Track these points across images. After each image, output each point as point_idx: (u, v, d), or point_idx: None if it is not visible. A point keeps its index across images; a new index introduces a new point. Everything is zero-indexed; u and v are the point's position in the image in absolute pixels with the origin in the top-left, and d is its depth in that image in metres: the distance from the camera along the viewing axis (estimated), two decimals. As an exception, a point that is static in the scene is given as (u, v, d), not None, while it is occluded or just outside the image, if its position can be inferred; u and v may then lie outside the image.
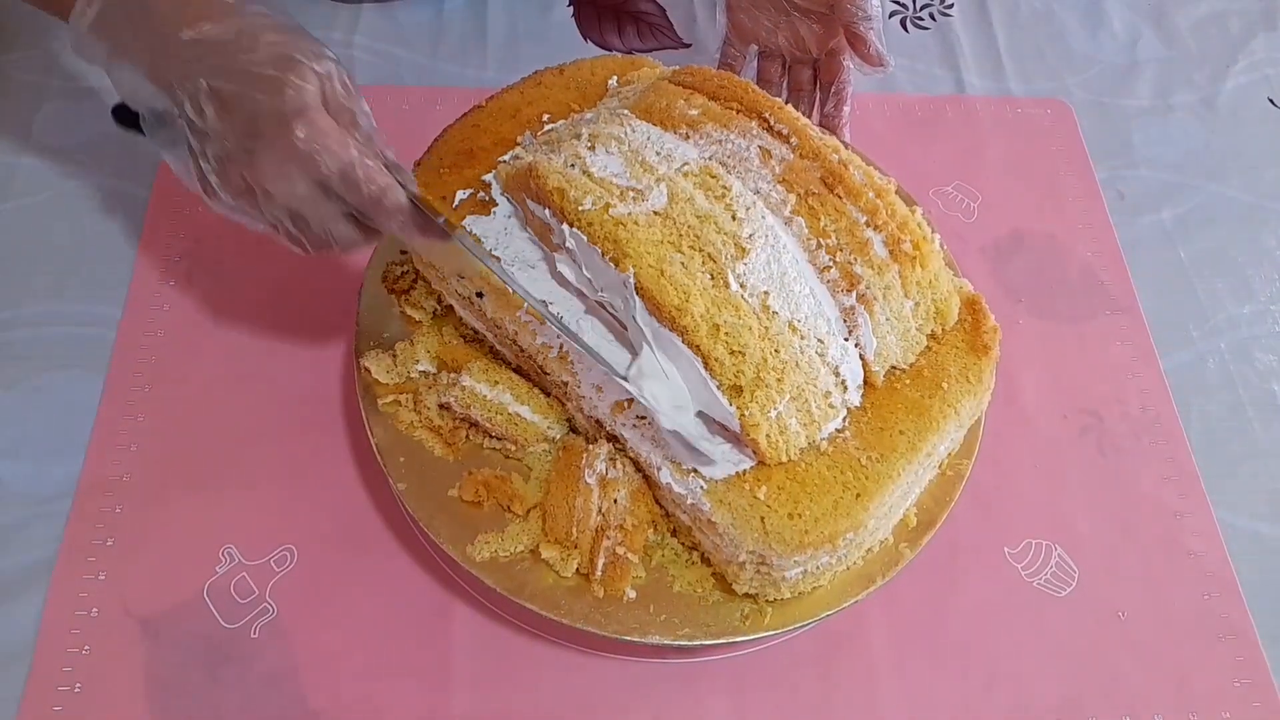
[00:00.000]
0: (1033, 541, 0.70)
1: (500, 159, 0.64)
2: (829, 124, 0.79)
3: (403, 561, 0.65)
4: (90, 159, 0.81)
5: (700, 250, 0.55)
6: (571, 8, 0.96)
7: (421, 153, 0.66)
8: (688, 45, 0.95)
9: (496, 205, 0.62)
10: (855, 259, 0.57)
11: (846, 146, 0.78)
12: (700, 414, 0.55)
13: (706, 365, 0.52)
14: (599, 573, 0.56)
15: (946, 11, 1.00)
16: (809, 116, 0.79)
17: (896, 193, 0.62)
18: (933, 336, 0.60)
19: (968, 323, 0.61)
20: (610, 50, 0.94)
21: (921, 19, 0.99)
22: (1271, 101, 0.97)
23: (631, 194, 0.56)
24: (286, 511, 0.66)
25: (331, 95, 0.50)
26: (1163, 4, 1.03)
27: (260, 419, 0.69)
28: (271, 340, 0.73)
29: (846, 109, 0.78)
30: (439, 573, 0.65)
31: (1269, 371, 0.80)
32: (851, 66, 0.76)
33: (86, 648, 0.61)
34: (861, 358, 0.57)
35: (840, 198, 0.58)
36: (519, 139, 0.66)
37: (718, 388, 0.52)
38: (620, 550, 0.56)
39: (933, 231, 0.64)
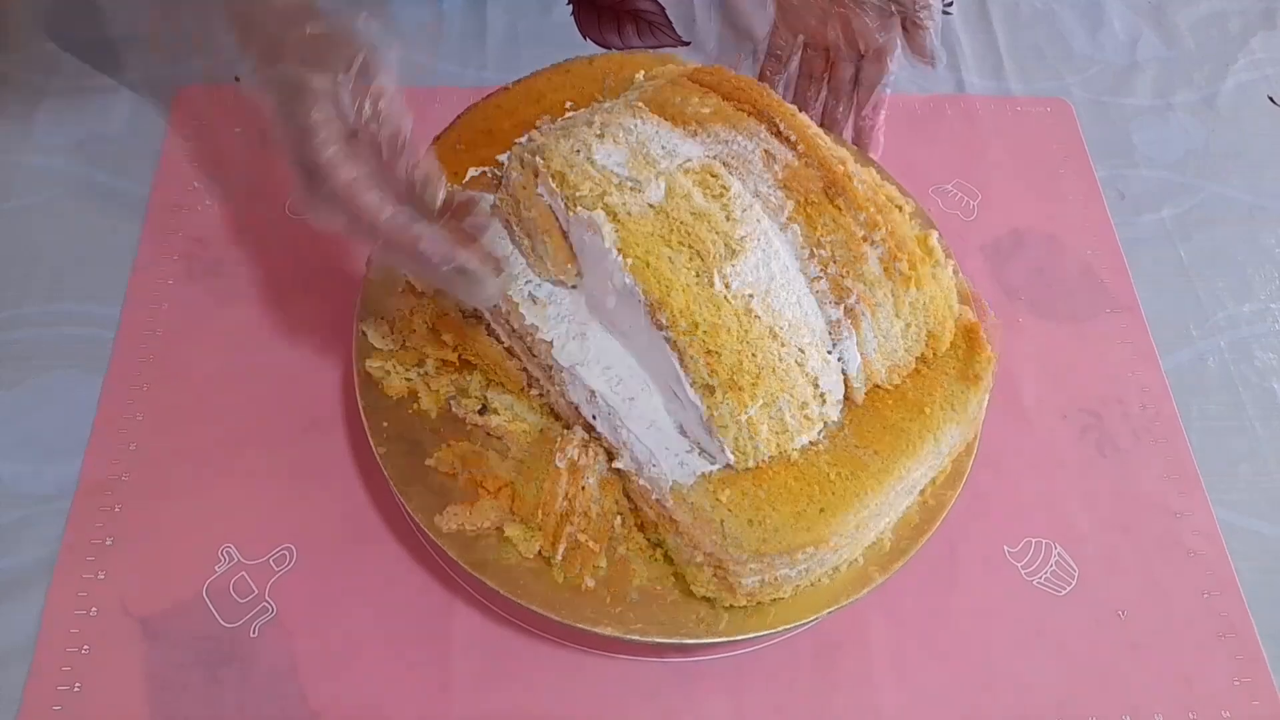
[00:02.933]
0: (1033, 541, 0.70)
1: (516, 140, 0.64)
2: (864, 127, 0.78)
3: (403, 562, 0.65)
4: (90, 159, 0.81)
5: (690, 247, 0.55)
6: (571, 7, 0.96)
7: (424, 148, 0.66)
8: (687, 43, 0.95)
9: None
10: (847, 272, 0.56)
11: (867, 158, 0.78)
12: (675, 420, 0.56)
13: (681, 362, 0.53)
14: (559, 557, 0.56)
15: (947, 11, 1.00)
16: (846, 117, 0.80)
17: (914, 214, 0.61)
18: (923, 360, 0.59)
19: (961, 350, 0.60)
20: (610, 50, 0.94)
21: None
22: (1271, 101, 0.97)
23: (629, 185, 0.56)
24: (286, 511, 0.66)
25: (358, 100, 0.49)
26: (1163, 4, 1.03)
27: (260, 419, 0.69)
28: (271, 340, 0.73)
29: (883, 113, 0.78)
30: (439, 573, 0.65)
31: (1269, 371, 0.80)
32: (895, 71, 0.76)
33: (86, 648, 0.61)
34: (844, 373, 0.57)
35: (840, 209, 0.57)
36: (538, 123, 0.66)
37: (690, 385, 0.53)
38: (582, 537, 0.57)
39: (946, 258, 0.63)
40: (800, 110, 0.81)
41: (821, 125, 0.80)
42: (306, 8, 0.50)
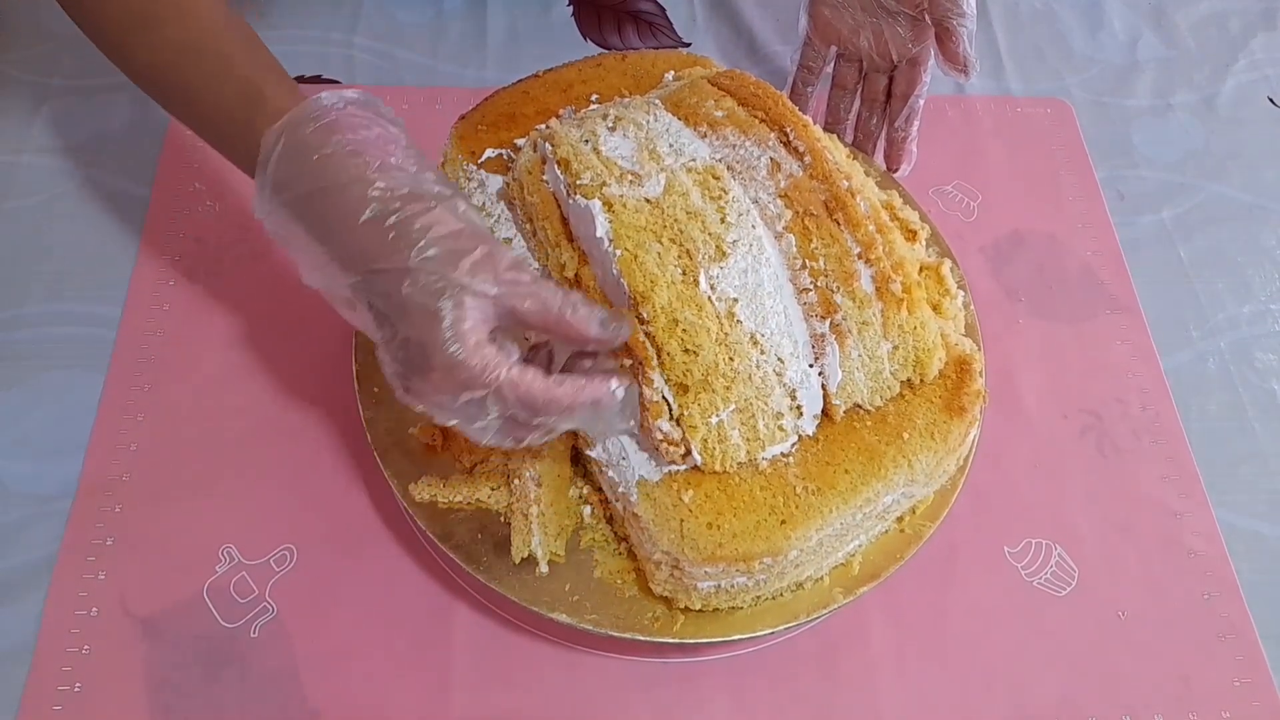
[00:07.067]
0: (1033, 541, 0.70)
1: (536, 127, 0.65)
2: (896, 138, 0.78)
3: (403, 561, 0.65)
4: (90, 159, 0.81)
5: (679, 244, 0.55)
6: (571, 7, 0.96)
7: (424, 149, 0.66)
8: (687, 44, 0.95)
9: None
10: (838, 287, 0.56)
11: (894, 171, 0.78)
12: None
13: (659, 358, 0.53)
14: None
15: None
16: (880, 129, 0.79)
17: (930, 238, 0.62)
18: (909, 385, 0.58)
19: (951, 380, 0.59)
20: (610, 50, 0.94)
21: (921, 19, 0.99)
22: (1271, 101, 0.97)
23: (630, 178, 0.57)
24: (286, 511, 0.66)
25: (511, 307, 0.47)
26: (1163, 4, 1.03)
27: (260, 419, 0.69)
28: (271, 340, 0.73)
29: (916, 125, 0.77)
30: (439, 573, 0.65)
31: (1269, 371, 0.80)
32: (928, 81, 0.76)
33: (86, 648, 0.61)
34: (824, 388, 0.56)
35: (838, 224, 0.57)
36: (560, 112, 0.67)
37: (665, 382, 0.53)
38: (506, 509, 0.58)
39: (958, 288, 0.63)
40: (834, 123, 0.81)
41: (855, 138, 0.81)
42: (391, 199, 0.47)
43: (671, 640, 0.56)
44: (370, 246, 0.46)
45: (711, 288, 0.54)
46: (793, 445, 0.56)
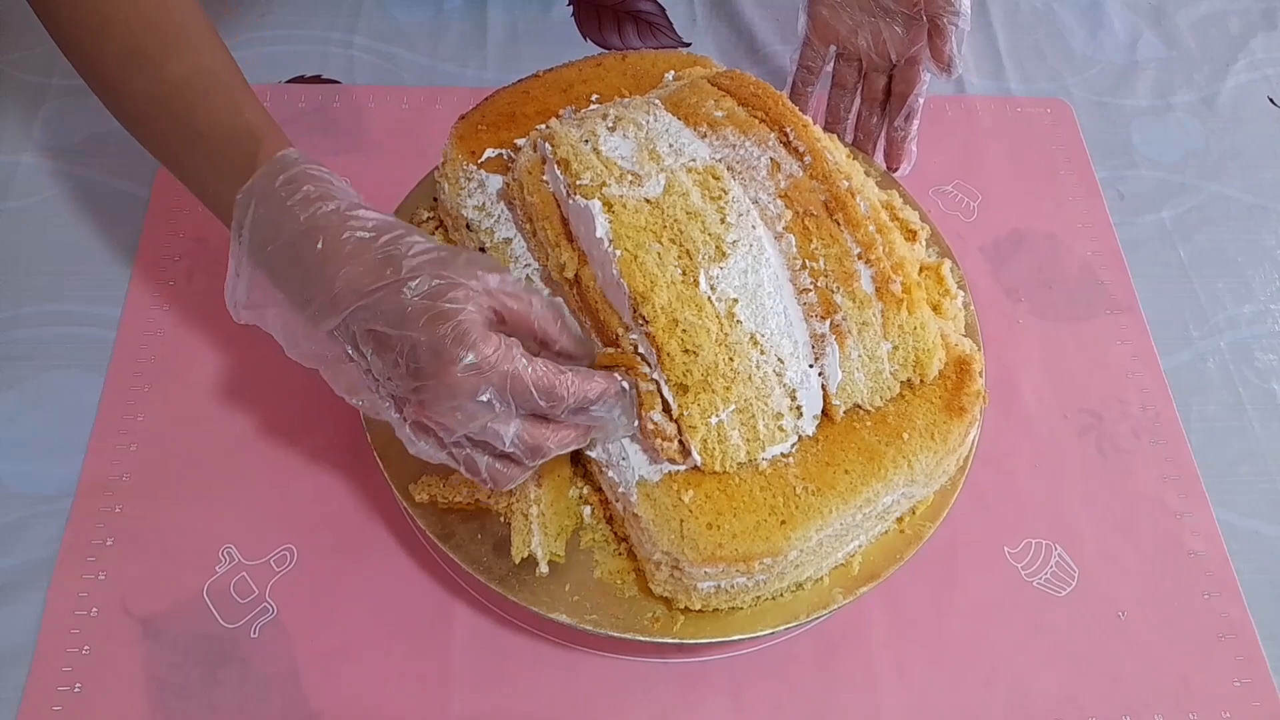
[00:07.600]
0: (1033, 541, 0.70)
1: (536, 126, 0.65)
2: (895, 137, 0.78)
3: (403, 561, 0.65)
4: (90, 159, 0.81)
5: (679, 244, 0.55)
6: (571, 7, 0.96)
7: (424, 149, 0.67)
8: (687, 44, 0.95)
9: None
10: (837, 288, 0.56)
11: (894, 170, 0.78)
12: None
13: (659, 358, 0.53)
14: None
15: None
16: (880, 128, 0.80)
17: (930, 238, 0.61)
18: (909, 385, 0.58)
19: (951, 381, 0.59)
20: (610, 50, 0.94)
21: (921, 19, 0.99)
22: (1271, 101, 0.97)
23: (630, 178, 0.57)
24: (286, 511, 0.66)
25: (502, 306, 0.48)
26: (1163, 4, 1.03)
27: (260, 419, 0.69)
28: (271, 339, 0.73)
29: (916, 124, 0.78)
30: (439, 573, 0.65)
31: (1269, 371, 0.80)
32: (928, 80, 0.76)
33: (86, 648, 0.61)
34: (824, 388, 0.56)
35: (838, 225, 0.57)
36: (560, 112, 0.67)
37: (665, 382, 0.53)
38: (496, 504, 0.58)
39: (958, 288, 0.63)
40: (834, 123, 0.81)
41: (855, 137, 0.81)
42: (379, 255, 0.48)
43: (671, 640, 0.56)
44: (361, 274, 0.48)
45: (711, 288, 0.54)
46: (793, 445, 0.56)
